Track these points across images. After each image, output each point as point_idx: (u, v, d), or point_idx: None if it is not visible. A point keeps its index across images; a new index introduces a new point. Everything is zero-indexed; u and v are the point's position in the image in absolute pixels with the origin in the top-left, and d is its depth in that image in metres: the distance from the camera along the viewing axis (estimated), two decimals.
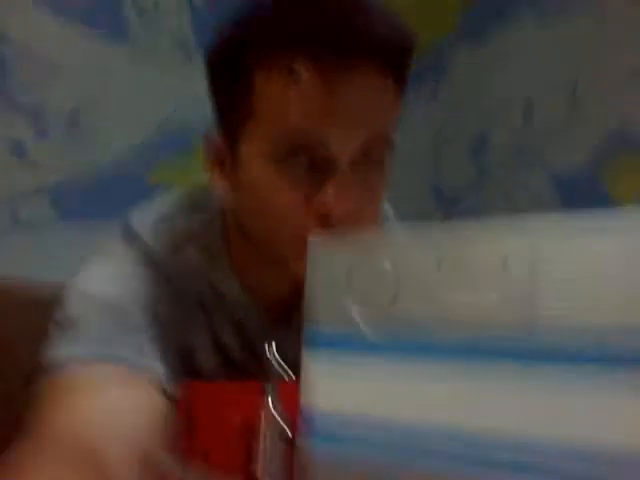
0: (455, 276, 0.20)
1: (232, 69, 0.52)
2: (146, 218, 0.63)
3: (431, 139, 2.79)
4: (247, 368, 0.54)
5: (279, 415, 0.27)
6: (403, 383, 0.20)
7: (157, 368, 0.50)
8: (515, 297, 0.19)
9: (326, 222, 0.50)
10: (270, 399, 0.27)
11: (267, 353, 0.28)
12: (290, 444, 0.24)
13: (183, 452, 0.34)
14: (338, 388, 0.22)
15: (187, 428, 0.33)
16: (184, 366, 0.58)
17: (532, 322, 0.18)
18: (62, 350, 0.49)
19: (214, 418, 0.30)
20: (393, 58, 0.51)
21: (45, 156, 1.74)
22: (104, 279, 0.56)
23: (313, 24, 0.48)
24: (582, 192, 2.13)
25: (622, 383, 0.16)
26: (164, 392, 0.47)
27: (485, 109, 2.56)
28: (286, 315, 0.60)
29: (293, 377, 0.27)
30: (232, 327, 0.61)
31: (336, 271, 0.23)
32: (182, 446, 0.34)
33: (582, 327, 0.17)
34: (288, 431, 0.27)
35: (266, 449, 0.27)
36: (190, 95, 1.60)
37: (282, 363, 0.30)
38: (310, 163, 0.50)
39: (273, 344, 0.27)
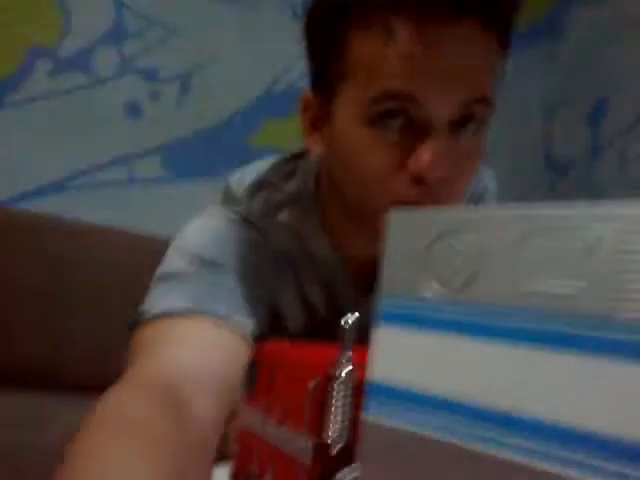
0: (537, 259, 0.19)
1: (329, 29, 0.51)
2: (244, 182, 0.66)
3: (545, 104, 2.64)
4: (333, 329, 0.55)
5: (350, 382, 0.27)
6: (471, 364, 0.20)
7: (246, 324, 0.53)
8: (598, 285, 0.18)
9: (420, 186, 0.49)
10: (343, 366, 0.27)
11: (343, 322, 0.28)
12: (358, 411, 0.25)
13: (264, 408, 0.35)
14: (405, 362, 0.22)
15: (267, 385, 0.34)
16: (272, 324, 0.61)
17: (615, 313, 0.17)
18: (159, 302, 0.52)
19: (291, 379, 0.31)
20: (496, 14, 0.48)
21: (158, 117, 1.82)
22: (202, 237, 0.58)
23: None
24: None
25: None
26: (251, 347, 0.50)
27: (605, 75, 2.39)
28: (372, 280, 0.59)
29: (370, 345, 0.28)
30: (320, 286, 0.62)
31: (415, 246, 0.22)
32: (263, 402, 0.35)
33: None
34: (357, 398, 0.27)
35: (336, 414, 0.28)
36: (297, 56, 1.62)
37: (358, 331, 0.30)
38: (405, 125, 0.48)
39: (351, 314, 0.27)
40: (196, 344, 0.49)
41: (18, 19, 1.62)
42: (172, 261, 0.57)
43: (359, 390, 0.26)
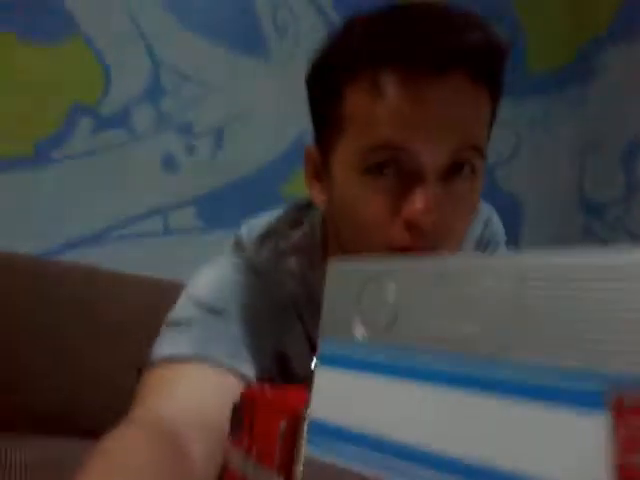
0: (444, 305, 0.21)
1: (325, 86, 0.56)
2: (254, 231, 0.69)
3: (578, 146, 2.63)
4: None
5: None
6: (397, 404, 0.22)
7: (247, 370, 0.55)
8: (490, 330, 0.19)
9: (414, 232, 0.51)
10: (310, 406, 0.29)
11: (313, 364, 0.30)
12: None
13: (246, 448, 0.37)
14: (339, 401, 0.24)
15: (249, 426, 0.36)
16: (280, 368, 0.63)
17: (504, 355, 0.19)
18: (166, 347, 0.56)
19: (266, 419, 0.33)
20: (482, 66, 0.51)
21: (193, 170, 1.89)
22: (210, 285, 0.62)
23: (396, 40, 0.49)
24: None
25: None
26: None
27: (637, 115, 2.38)
28: None
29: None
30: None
31: (348, 292, 0.24)
32: (245, 442, 0.37)
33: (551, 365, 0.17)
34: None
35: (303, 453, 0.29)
36: None
37: None
38: (398, 173, 0.51)
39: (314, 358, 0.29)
40: (197, 390, 0.51)
41: (61, 77, 1.73)
42: (181, 307, 0.60)
43: None
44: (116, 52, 1.78)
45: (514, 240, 2.58)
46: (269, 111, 2.00)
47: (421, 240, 0.51)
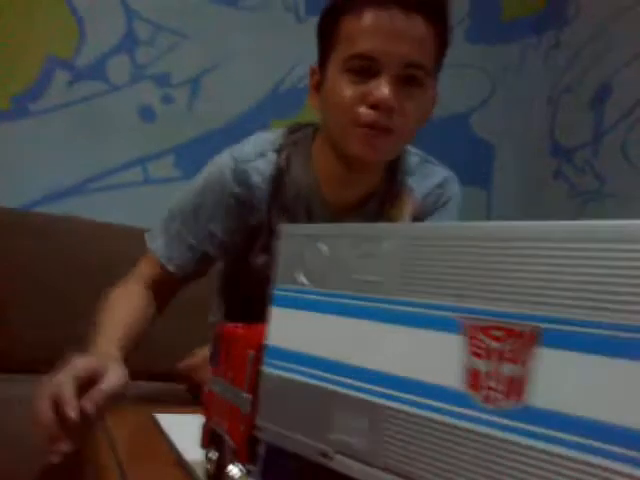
0: (359, 259, 0.28)
1: (329, 20, 0.82)
2: (251, 140, 0.94)
3: (550, 91, 2.68)
4: None
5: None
6: (330, 332, 0.29)
7: (183, 265, 0.90)
8: (390, 278, 0.26)
9: (377, 112, 0.76)
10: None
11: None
12: None
13: (222, 374, 0.44)
14: (290, 332, 0.31)
15: (225, 357, 0.44)
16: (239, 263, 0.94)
17: (402, 296, 0.26)
18: (153, 241, 0.92)
19: (239, 351, 0.40)
20: (432, 14, 0.78)
21: (170, 120, 1.92)
22: (188, 191, 0.92)
23: None
24: None
25: None
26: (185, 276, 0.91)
27: (608, 60, 2.42)
28: (344, 206, 0.91)
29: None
30: (305, 215, 0.91)
31: (295, 249, 0.31)
32: (222, 370, 0.44)
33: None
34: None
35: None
36: (300, 56, 1.71)
37: None
38: (368, 73, 0.77)
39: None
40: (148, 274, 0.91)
41: (36, 31, 1.73)
42: (169, 211, 0.92)
43: None
44: (89, 4, 1.78)
45: (487, 183, 2.66)
46: (245, 61, 2.02)
47: (381, 118, 0.76)
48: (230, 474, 0.36)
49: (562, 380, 0.20)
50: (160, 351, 1.21)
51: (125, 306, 0.85)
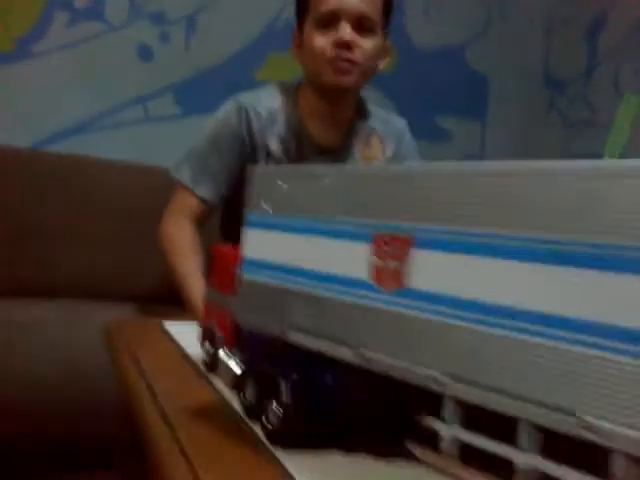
0: (314, 197, 0.38)
1: None
2: (248, 92, 1.21)
3: (546, 23, 2.69)
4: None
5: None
6: (289, 247, 0.39)
7: (204, 193, 1.14)
8: (336, 204, 0.36)
9: (341, 49, 1.06)
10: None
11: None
12: None
13: (216, 285, 0.55)
14: (259, 246, 0.41)
15: (219, 272, 0.54)
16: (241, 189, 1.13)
17: (344, 218, 0.36)
18: (181, 171, 1.15)
19: (229, 266, 0.50)
20: None
21: (168, 58, 1.97)
22: (202, 134, 1.18)
23: None
24: None
25: None
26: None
27: None
28: (331, 151, 1.19)
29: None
30: (285, 143, 1.17)
31: (263, 184, 0.41)
32: (216, 282, 0.55)
33: None
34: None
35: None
36: None
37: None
38: (331, 25, 1.07)
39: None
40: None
41: None
42: (190, 149, 1.18)
43: None
44: None
45: (482, 115, 2.71)
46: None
47: (344, 52, 1.06)
48: (220, 356, 0.48)
49: (428, 270, 0.31)
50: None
51: (193, 252, 1.11)
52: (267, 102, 1.19)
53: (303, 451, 0.38)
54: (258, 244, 0.41)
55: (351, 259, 0.34)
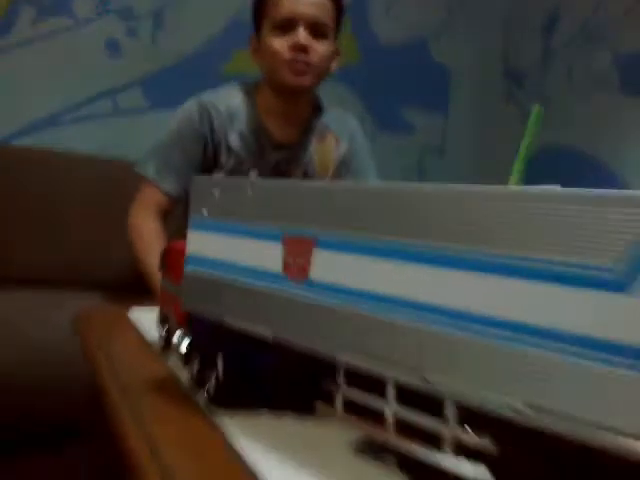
0: (236, 202, 0.46)
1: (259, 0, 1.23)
2: (210, 90, 1.30)
3: (505, 18, 2.78)
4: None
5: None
6: (225, 246, 0.47)
7: (172, 186, 1.23)
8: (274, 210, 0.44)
9: (297, 52, 1.16)
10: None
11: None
12: None
13: (169, 277, 0.63)
14: (200, 245, 0.49)
15: (172, 264, 0.62)
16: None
17: (279, 223, 0.44)
18: (145, 166, 1.25)
19: (179, 257, 0.58)
20: None
21: (136, 52, 2.02)
22: (166, 131, 1.26)
23: None
24: None
25: None
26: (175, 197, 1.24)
27: None
28: (288, 146, 1.30)
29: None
30: (255, 145, 1.27)
31: (203, 192, 0.49)
32: (169, 273, 0.63)
33: None
34: None
35: None
36: None
37: None
38: (287, 29, 1.17)
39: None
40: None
41: None
42: (154, 146, 1.27)
43: None
44: None
45: (444, 106, 2.80)
46: None
47: (300, 55, 1.17)
48: (174, 337, 0.56)
49: (325, 265, 0.39)
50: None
51: (158, 243, 1.16)
52: (227, 100, 1.26)
53: (236, 413, 0.46)
54: (198, 242, 0.49)
55: (268, 256, 0.42)
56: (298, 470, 0.38)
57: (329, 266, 0.39)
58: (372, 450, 0.40)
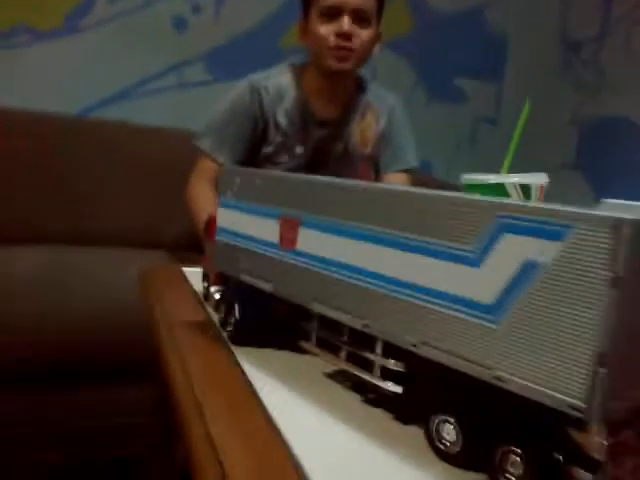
0: (251, 188, 0.60)
1: None
2: (260, 71, 1.44)
3: None
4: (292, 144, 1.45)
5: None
6: (249, 223, 0.62)
7: (227, 162, 1.38)
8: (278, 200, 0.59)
9: (341, 38, 1.30)
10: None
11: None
12: None
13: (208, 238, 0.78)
14: (228, 220, 0.64)
15: (210, 231, 0.78)
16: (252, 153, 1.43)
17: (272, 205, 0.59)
18: (203, 140, 1.42)
19: (215, 228, 0.73)
20: None
21: (200, 28, 2.17)
22: (218, 108, 1.43)
23: None
24: None
25: None
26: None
27: None
28: (332, 124, 1.44)
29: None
30: (300, 122, 1.42)
31: (232, 181, 0.64)
32: (208, 237, 0.78)
33: None
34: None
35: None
36: None
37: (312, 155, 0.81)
38: (332, 16, 1.30)
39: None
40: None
41: None
42: (209, 122, 1.43)
43: None
44: None
45: (499, 76, 2.82)
46: None
47: (344, 41, 1.30)
48: (211, 290, 0.71)
49: (308, 240, 0.53)
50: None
51: (210, 204, 1.32)
52: (276, 80, 1.40)
53: (249, 348, 0.61)
54: (225, 217, 0.64)
55: (269, 231, 0.57)
56: (288, 390, 0.53)
57: (310, 240, 0.52)
58: (339, 377, 0.54)
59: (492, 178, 0.77)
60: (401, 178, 1.51)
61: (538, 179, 0.78)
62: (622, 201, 0.36)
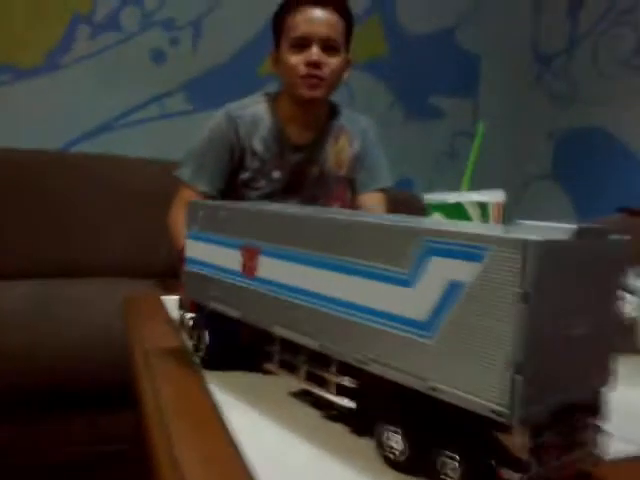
0: (213, 220, 0.64)
1: (278, 18, 1.42)
2: (236, 102, 1.50)
3: (531, 3, 2.83)
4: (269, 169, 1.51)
5: None
6: (211, 252, 0.65)
7: (204, 187, 1.44)
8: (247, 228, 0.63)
9: (310, 67, 1.36)
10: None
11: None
12: None
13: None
14: (195, 250, 0.68)
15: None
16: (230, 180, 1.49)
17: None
18: (184, 171, 1.48)
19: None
20: (340, 10, 1.40)
21: (178, 60, 2.23)
22: (200, 139, 1.48)
23: None
24: None
25: None
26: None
27: None
28: (298, 143, 1.49)
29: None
30: (277, 148, 1.47)
31: (197, 212, 0.67)
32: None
33: None
34: None
35: None
36: None
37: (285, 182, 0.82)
38: (303, 47, 1.36)
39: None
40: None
41: None
42: (190, 152, 1.50)
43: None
44: None
45: (474, 93, 2.89)
46: (238, 0, 2.27)
47: (314, 70, 1.36)
48: (186, 317, 0.74)
49: (268, 268, 0.56)
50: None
51: None
52: (252, 110, 1.45)
53: (219, 372, 0.64)
54: (193, 248, 0.67)
55: (233, 259, 0.60)
56: (254, 411, 0.56)
57: (269, 268, 0.56)
58: (302, 396, 0.57)
59: (451, 197, 0.81)
60: (377, 197, 1.55)
61: (495, 197, 0.82)
62: (535, 222, 0.40)
